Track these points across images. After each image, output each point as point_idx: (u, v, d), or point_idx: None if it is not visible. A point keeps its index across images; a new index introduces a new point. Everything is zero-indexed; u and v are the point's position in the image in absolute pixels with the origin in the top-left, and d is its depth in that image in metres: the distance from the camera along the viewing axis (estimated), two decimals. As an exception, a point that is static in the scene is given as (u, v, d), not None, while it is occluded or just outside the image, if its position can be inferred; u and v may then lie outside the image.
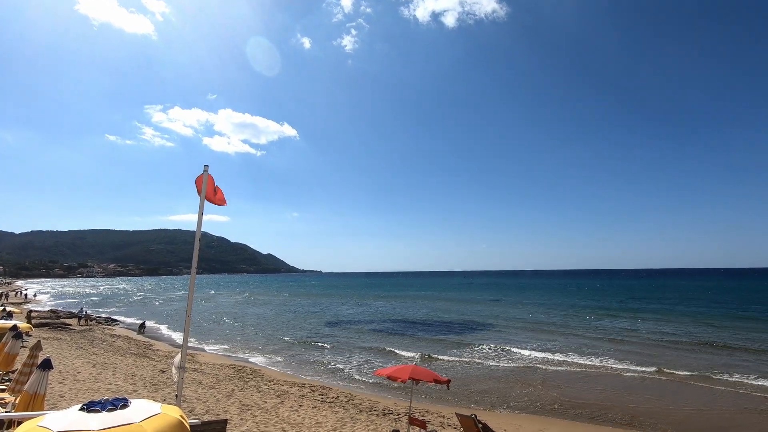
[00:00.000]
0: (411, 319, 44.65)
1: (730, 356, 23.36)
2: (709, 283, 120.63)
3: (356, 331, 35.34)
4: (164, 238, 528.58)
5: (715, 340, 27.83)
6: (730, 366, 20.89)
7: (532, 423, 13.68)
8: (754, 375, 18.94)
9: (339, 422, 12.02)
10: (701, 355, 23.55)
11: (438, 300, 72.74)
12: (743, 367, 20.57)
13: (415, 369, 10.06)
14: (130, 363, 19.22)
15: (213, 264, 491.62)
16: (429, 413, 14.20)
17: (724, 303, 55.87)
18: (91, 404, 3.70)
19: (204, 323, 40.81)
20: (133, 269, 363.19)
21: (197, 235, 7.34)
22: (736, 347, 25.42)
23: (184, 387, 14.51)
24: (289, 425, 11.34)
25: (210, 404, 12.86)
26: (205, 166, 7.49)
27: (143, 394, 13.57)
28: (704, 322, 37.09)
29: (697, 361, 21.91)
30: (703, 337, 29.27)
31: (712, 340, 27.57)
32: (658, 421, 13.87)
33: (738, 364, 21.31)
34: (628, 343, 27.52)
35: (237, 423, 11.11)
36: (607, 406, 15.46)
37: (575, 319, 40.72)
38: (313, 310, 56.33)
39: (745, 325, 34.45)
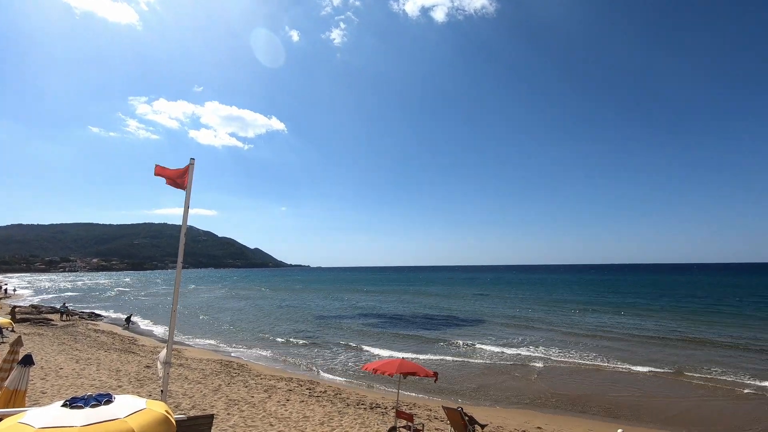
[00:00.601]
0: (397, 313, 44.84)
1: (703, 350, 23.96)
2: (694, 277, 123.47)
3: (343, 326, 35.37)
4: (149, 232, 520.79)
5: (691, 334, 28.55)
6: (705, 360, 21.48)
7: (516, 415, 13.92)
8: (725, 369, 19.54)
9: (326, 416, 12.05)
10: (675, 351, 24.14)
11: (424, 295, 73.14)
12: (716, 362, 21.14)
13: (403, 363, 10.12)
14: (114, 358, 18.97)
15: (199, 258, 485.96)
16: (416, 406, 14.33)
17: (703, 297, 57.30)
18: (74, 400, 3.66)
19: (191, 318, 40.41)
20: (117, 264, 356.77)
21: (183, 229, 7.26)
22: (710, 342, 26.07)
23: (170, 382, 14.40)
24: (276, 419, 11.33)
25: (196, 399, 12.77)
26: (192, 159, 7.40)
27: (128, 389, 13.42)
28: (682, 316, 38.02)
29: (671, 357, 22.51)
30: (680, 332, 30.04)
31: (688, 335, 28.28)
32: (637, 412, 14.28)
33: (712, 359, 21.88)
34: (609, 338, 28.02)
35: (224, 418, 11.07)
36: (588, 398, 15.81)
37: (559, 314, 41.34)
38: (299, 305, 56.17)
39: (719, 320, 35.41)
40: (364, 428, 11.15)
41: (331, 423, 11.43)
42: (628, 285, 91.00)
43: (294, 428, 10.72)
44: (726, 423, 13.30)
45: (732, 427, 12.95)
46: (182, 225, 7.25)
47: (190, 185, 7.23)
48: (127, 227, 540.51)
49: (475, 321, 37.95)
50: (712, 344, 25.18)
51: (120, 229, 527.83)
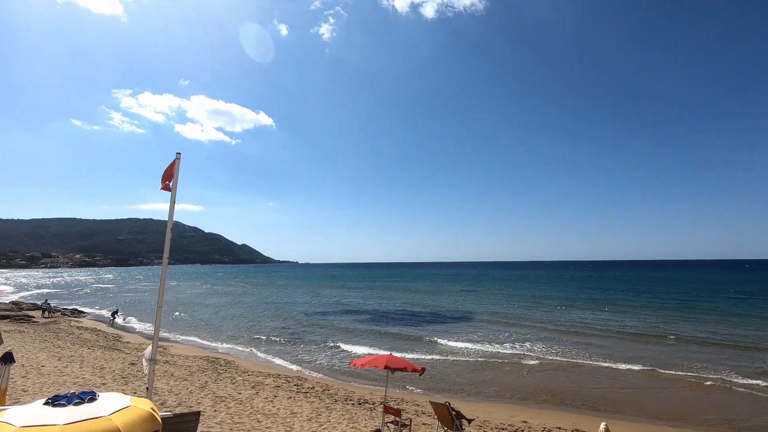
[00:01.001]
0: (384, 310, 44.99)
1: (680, 346, 24.52)
2: (674, 274, 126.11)
3: (330, 323, 35.36)
4: (134, 228, 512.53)
5: (669, 331, 29.12)
6: (683, 356, 22.02)
7: (502, 410, 14.10)
8: (704, 364, 20.07)
9: (314, 412, 12.06)
10: (654, 347, 24.68)
11: (411, 291, 73.47)
12: (694, 358, 21.68)
13: (391, 358, 10.16)
14: (98, 356, 18.68)
15: (186, 254, 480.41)
16: (404, 401, 14.43)
17: (681, 293, 58.60)
18: (56, 398, 3.60)
19: (176, 315, 39.97)
20: (101, 260, 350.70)
21: (169, 225, 7.17)
22: (687, 338, 26.63)
23: (156, 379, 14.24)
24: (263, 416, 11.30)
25: (182, 396, 12.66)
26: (178, 153, 7.30)
27: (112, 387, 13.24)
28: (661, 312, 38.88)
29: (650, 353, 23.03)
30: (659, 328, 30.72)
31: (666, 331, 28.86)
32: (620, 406, 14.60)
33: (689, 356, 22.42)
34: (592, 335, 28.49)
35: (210, 415, 11.00)
36: (572, 393, 16.10)
37: (543, 311, 41.89)
38: (285, 301, 55.97)
39: (696, 316, 36.30)
40: (352, 424, 11.19)
41: (318, 419, 11.44)
42: (611, 281, 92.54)
43: (282, 424, 10.71)
44: (704, 416, 13.66)
45: (711, 420, 13.31)
46: (168, 220, 7.16)
47: (177, 180, 7.15)
48: (111, 222, 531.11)
49: (460, 317, 38.25)
50: (689, 340, 25.69)
51: (104, 225, 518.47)
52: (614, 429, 10.62)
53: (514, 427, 12.13)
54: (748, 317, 34.32)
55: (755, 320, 32.71)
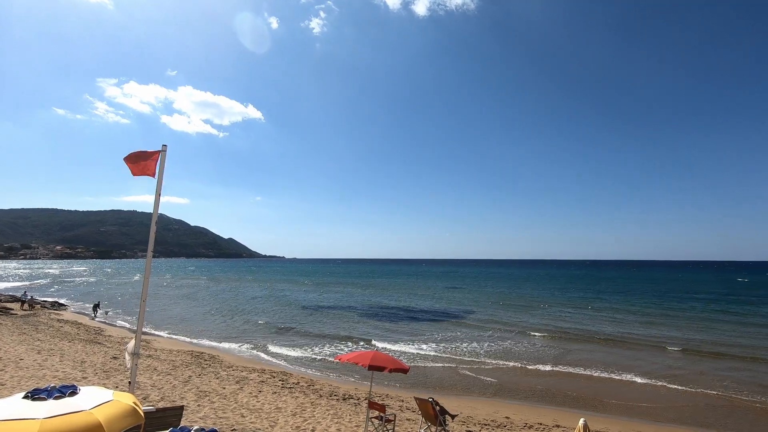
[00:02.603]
0: (370, 305, 45.10)
1: (647, 351, 25.02)
2: (651, 274, 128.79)
3: (316, 317, 35.33)
4: (118, 220, 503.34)
5: (638, 334, 29.76)
6: (652, 361, 22.52)
7: (485, 406, 14.29)
8: (672, 371, 20.58)
9: (299, 407, 12.07)
10: (622, 351, 25.21)
11: (397, 288, 73.71)
12: (664, 364, 22.22)
13: (376, 355, 10.20)
14: (79, 349, 18.37)
15: (170, 248, 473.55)
16: (389, 397, 14.52)
17: (650, 294, 59.90)
18: (36, 392, 3.55)
19: (160, 309, 39.48)
20: (83, 252, 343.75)
21: (154, 217, 7.09)
22: (657, 343, 27.21)
23: (139, 374, 14.08)
24: (248, 411, 11.27)
25: (166, 391, 12.55)
26: (164, 145, 7.21)
27: (94, 381, 13.04)
28: (639, 312, 39.71)
29: (624, 352, 23.53)
30: (631, 332, 31.37)
31: (638, 335, 29.50)
32: (600, 404, 14.94)
33: (660, 361, 22.95)
34: (568, 337, 29.00)
35: (194, 409, 10.93)
36: (554, 391, 16.43)
37: (526, 310, 42.47)
38: (271, 296, 55.69)
39: (671, 315, 37.18)
40: (337, 419, 11.23)
41: (303, 414, 11.45)
42: (594, 281, 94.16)
43: (266, 420, 10.70)
44: (678, 412, 14.05)
45: (687, 418, 13.69)
46: (153, 213, 7.07)
47: (162, 172, 7.06)
48: (94, 214, 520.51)
49: (448, 314, 38.56)
50: (663, 341, 26.27)
51: (86, 216, 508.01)
52: (592, 424, 10.86)
53: (497, 422, 12.31)
54: (721, 318, 35.28)
55: (728, 323, 33.63)
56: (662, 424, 12.95)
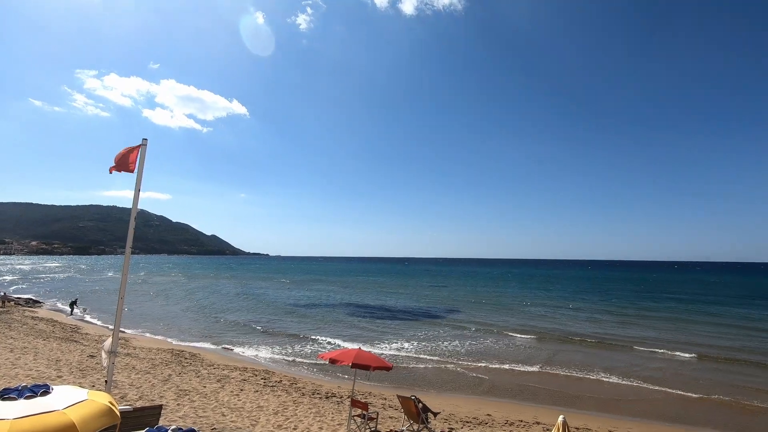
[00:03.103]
0: (352, 304, 45.09)
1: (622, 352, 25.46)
2: (632, 274, 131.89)
3: (299, 316, 35.14)
4: (96, 215, 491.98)
5: (616, 335, 30.40)
6: (625, 361, 23.06)
7: (467, 403, 14.42)
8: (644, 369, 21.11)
9: (281, 406, 11.99)
10: (605, 347, 25.80)
11: (381, 286, 73.84)
12: (636, 364, 22.77)
13: (359, 353, 10.19)
14: (54, 347, 17.89)
15: (151, 244, 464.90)
16: (371, 395, 14.53)
17: (635, 293, 61.39)
18: (6, 391, 3.45)
19: (139, 306, 38.72)
20: (60, 247, 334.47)
21: (133, 213, 6.95)
22: (630, 343, 27.89)
23: (116, 372, 13.79)
24: (229, 410, 11.14)
25: (144, 390, 12.32)
26: (144, 139, 7.07)
27: (69, 380, 12.73)
28: (616, 311, 40.61)
29: (601, 353, 24.04)
30: (613, 329, 32.07)
31: (613, 335, 30.17)
32: (577, 400, 15.25)
33: (633, 362, 23.51)
34: (547, 339, 29.48)
35: (173, 408, 10.75)
36: (535, 389, 16.71)
37: (509, 310, 43.03)
38: (253, 293, 55.18)
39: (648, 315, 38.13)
40: (319, 417, 11.19)
41: (285, 412, 11.38)
42: (574, 281, 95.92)
43: (247, 418, 10.59)
44: (655, 408, 14.43)
45: (661, 413, 14.08)
46: (132, 208, 6.92)
47: (142, 167, 6.92)
48: (71, 209, 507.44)
49: (431, 312, 38.80)
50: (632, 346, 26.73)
51: (64, 211, 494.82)
52: (571, 421, 11.07)
53: (478, 419, 12.43)
54: (693, 318, 36.34)
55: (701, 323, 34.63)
56: (638, 419, 13.27)
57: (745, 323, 31.60)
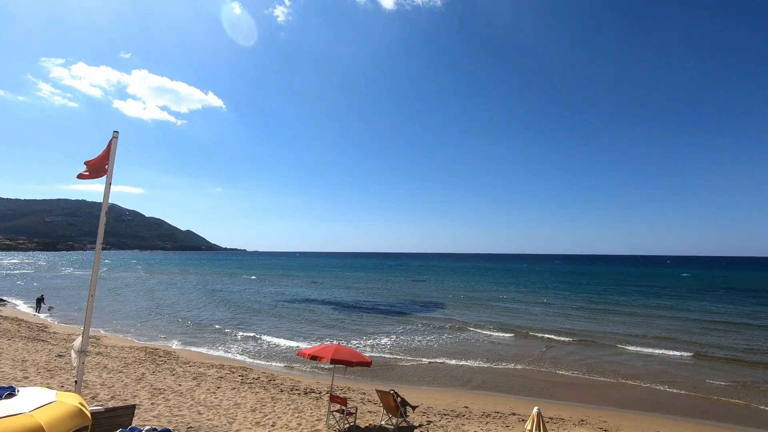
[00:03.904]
0: (330, 300, 45.01)
1: (602, 349, 26.50)
2: (604, 268, 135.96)
3: (275, 312, 34.85)
4: (64, 209, 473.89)
5: (592, 330, 31.42)
6: (602, 359, 23.82)
7: (445, 396, 14.62)
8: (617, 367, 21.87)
9: (259, 402, 11.87)
10: (581, 344, 26.56)
11: (359, 281, 73.93)
12: (615, 361, 23.55)
13: (339, 349, 10.19)
14: (19, 347, 17.19)
15: (124, 239, 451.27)
16: (350, 390, 14.56)
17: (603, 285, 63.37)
18: (-33, 394, 3.30)
19: (112, 304, 37.60)
20: (25, 243, 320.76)
21: (104, 207, 6.72)
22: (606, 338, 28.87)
23: (87, 372, 13.38)
24: (205, 408, 10.97)
25: (116, 389, 11.99)
26: (115, 131, 6.84)
27: (36, 381, 12.26)
28: (591, 302, 41.83)
29: (575, 348, 24.73)
30: (586, 324, 33.03)
31: (589, 329, 31.14)
32: (552, 390, 15.69)
33: (613, 359, 24.29)
34: (521, 335, 30.15)
35: (147, 408, 10.51)
36: (510, 380, 17.10)
37: (482, 303, 43.72)
38: (231, 290, 54.39)
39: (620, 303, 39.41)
40: (298, 413, 11.14)
41: (263, 409, 11.28)
42: (545, 275, 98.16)
43: (224, 416, 10.45)
44: (624, 396, 14.98)
45: (632, 400, 14.62)
46: (103, 202, 6.70)
47: (113, 160, 6.69)
48: (37, 203, 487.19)
49: (410, 306, 39.09)
50: (602, 341, 27.80)
51: (29, 205, 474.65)
52: (545, 411, 11.36)
53: (456, 412, 12.63)
54: (659, 314, 37.74)
55: (667, 318, 35.99)
56: (610, 408, 13.74)
57: (709, 317, 32.87)
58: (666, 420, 12.80)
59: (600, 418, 12.63)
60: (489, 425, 11.46)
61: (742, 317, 32.60)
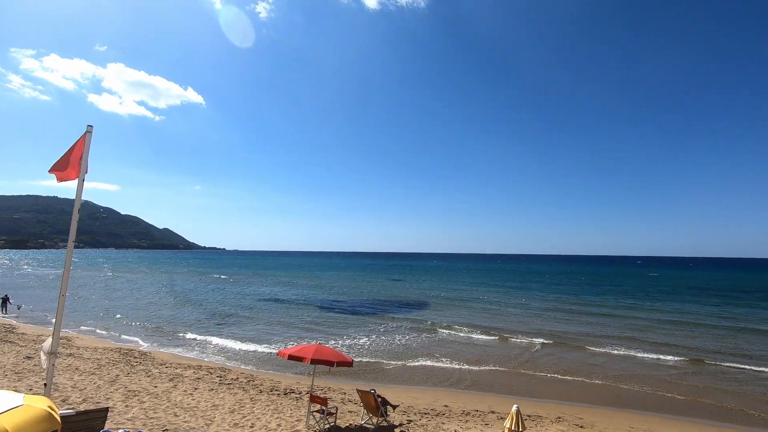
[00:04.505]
0: (308, 299, 44.72)
1: (578, 350, 27.14)
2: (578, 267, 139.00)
3: (254, 312, 34.43)
4: (34, 206, 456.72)
5: (560, 327, 32.12)
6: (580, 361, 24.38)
7: (425, 395, 14.70)
8: (593, 367, 22.40)
9: (237, 404, 11.70)
10: (558, 342, 27.09)
11: (340, 280, 73.65)
12: (589, 362, 24.10)
13: (319, 348, 10.13)
14: (-15, 349, 16.52)
15: (98, 237, 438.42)
16: (331, 390, 14.49)
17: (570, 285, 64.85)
18: (-73, 399, 3.14)
19: (83, 303, 36.46)
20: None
21: (77, 204, 6.51)
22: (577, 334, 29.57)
23: (57, 374, 12.95)
24: (182, 410, 10.74)
25: (89, 392, 11.64)
26: (89, 126, 6.63)
27: (2, 384, 11.79)
28: (566, 301, 42.72)
29: (550, 347, 25.22)
30: (558, 323, 33.73)
31: (562, 328, 31.82)
32: (531, 389, 15.96)
33: (586, 359, 24.84)
34: (499, 336, 30.59)
35: (121, 410, 10.24)
36: (490, 379, 17.35)
37: (464, 301, 44.14)
38: (209, 289, 53.47)
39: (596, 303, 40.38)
40: (277, 414, 11.03)
41: (242, 410, 11.12)
42: (525, 275, 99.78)
43: (201, 418, 10.27)
44: (600, 394, 15.36)
45: (608, 398, 14.99)
46: (76, 199, 6.48)
47: (87, 156, 6.48)
48: (5, 199, 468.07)
49: (388, 304, 39.15)
50: (577, 341, 28.48)
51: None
52: (524, 408, 11.53)
53: (436, 411, 12.70)
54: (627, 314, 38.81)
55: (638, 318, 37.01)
56: (583, 405, 14.07)
57: (679, 318, 33.81)
58: (636, 415, 13.23)
59: (576, 415, 12.91)
60: (468, 423, 11.57)
61: (709, 317, 33.77)
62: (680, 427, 12.42)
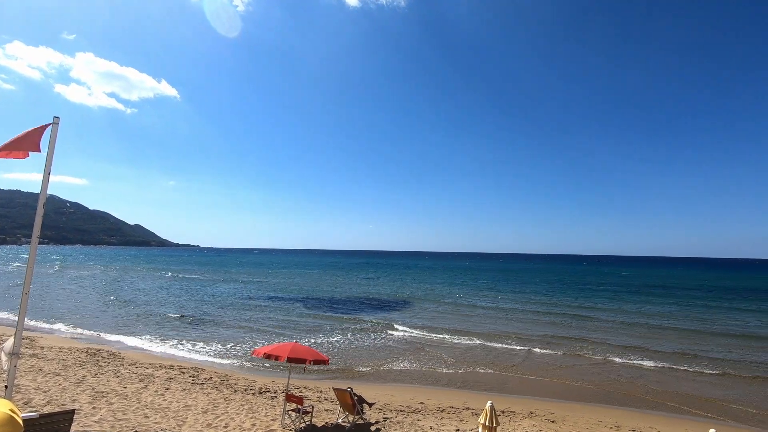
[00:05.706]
0: (286, 297, 44.31)
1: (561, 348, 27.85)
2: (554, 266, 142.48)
3: (229, 310, 33.88)
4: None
5: (544, 331, 32.93)
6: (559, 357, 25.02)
7: (402, 392, 14.80)
8: (571, 366, 23.03)
9: (211, 404, 11.49)
10: (533, 341, 27.72)
11: (316, 279, 73.22)
12: (572, 358, 24.77)
13: (295, 347, 10.06)
14: (-61, 350, 15.66)
15: (64, 233, 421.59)
16: (307, 389, 14.40)
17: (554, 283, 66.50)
18: None
19: (49, 302, 35.04)
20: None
21: (42, 198, 6.24)
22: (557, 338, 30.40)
23: (20, 376, 12.41)
24: (152, 411, 10.47)
25: (53, 394, 11.20)
26: (55, 117, 6.35)
27: (-41, 386, 11.22)
28: (541, 297, 43.74)
29: (526, 342, 25.80)
30: (538, 317, 34.51)
31: (542, 332, 32.63)
32: (505, 384, 16.28)
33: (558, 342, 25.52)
34: (476, 334, 31.08)
35: (88, 413, 9.89)
36: (464, 375, 17.59)
37: (440, 298, 44.59)
38: (181, 287, 52.27)
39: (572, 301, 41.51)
40: (252, 413, 10.88)
41: (215, 411, 10.93)
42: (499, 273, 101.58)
43: (173, 419, 10.03)
44: (576, 389, 15.80)
45: (584, 394, 15.43)
46: (41, 193, 6.21)
47: (53, 148, 6.22)
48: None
49: (364, 303, 39.16)
50: (546, 340, 29.27)
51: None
52: (498, 404, 11.75)
53: (412, 408, 12.80)
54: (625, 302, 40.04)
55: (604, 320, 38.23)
56: (554, 400, 14.46)
57: (646, 320, 35.20)
58: (604, 409, 13.72)
59: (548, 410, 13.25)
60: (444, 420, 11.71)
61: (672, 319, 35.21)
62: (644, 418, 12.93)
